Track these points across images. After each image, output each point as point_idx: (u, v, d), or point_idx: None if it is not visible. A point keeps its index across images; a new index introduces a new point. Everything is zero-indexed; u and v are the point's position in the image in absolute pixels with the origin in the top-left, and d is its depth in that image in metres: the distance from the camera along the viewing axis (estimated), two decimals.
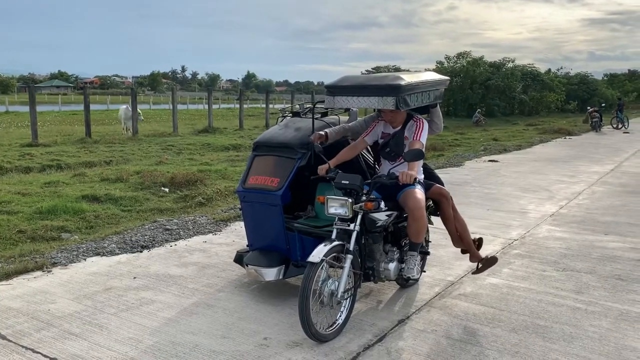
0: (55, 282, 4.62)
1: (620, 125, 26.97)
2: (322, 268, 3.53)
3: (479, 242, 4.65)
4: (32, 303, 4.17)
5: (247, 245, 4.70)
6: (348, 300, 3.75)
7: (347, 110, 4.81)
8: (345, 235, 3.73)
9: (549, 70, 55.11)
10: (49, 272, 4.87)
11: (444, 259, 5.27)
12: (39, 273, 4.82)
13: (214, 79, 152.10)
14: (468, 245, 4.51)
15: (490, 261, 4.58)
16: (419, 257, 4.20)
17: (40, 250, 5.40)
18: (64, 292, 4.40)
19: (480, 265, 4.58)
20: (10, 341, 3.54)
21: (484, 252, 5.54)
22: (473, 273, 4.71)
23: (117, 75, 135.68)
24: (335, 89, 4.14)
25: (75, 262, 5.14)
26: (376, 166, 4.66)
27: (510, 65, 41.67)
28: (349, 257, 3.64)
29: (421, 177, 4.25)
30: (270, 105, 27.63)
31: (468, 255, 4.66)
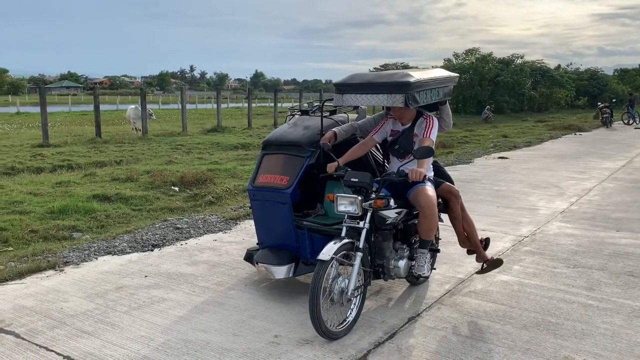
0: (67, 281, 4.66)
1: (631, 121, 26.71)
2: (332, 266, 3.54)
3: (485, 242, 4.63)
4: (45, 302, 4.21)
5: (257, 244, 4.72)
6: (358, 297, 3.75)
7: (355, 108, 4.81)
8: (354, 233, 3.73)
9: (559, 66, 54.73)
10: (61, 271, 4.91)
11: (454, 257, 5.25)
12: (51, 272, 4.87)
13: (222, 78, 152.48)
14: (475, 245, 4.49)
15: (495, 263, 4.57)
16: (429, 255, 4.20)
17: (53, 250, 5.45)
18: (76, 291, 4.44)
19: (485, 266, 4.57)
20: (25, 339, 3.58)
21: (493, 249, 5.54)
22: (477, 273, 4.70)
23: (126, 76, 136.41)
24: (344, 87, 4.14)
25: (87, 261, 5.18)
26: (385, 163, 4.66)
27: (519, 61, 41.39)
28: (359, 254, 3.65)
29: (431, 174, 4.24)
30: (279, 104, 27.66)
31: (475, 255, 4.65)
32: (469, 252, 4.67)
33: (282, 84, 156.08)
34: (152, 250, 5.57)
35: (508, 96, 38.41)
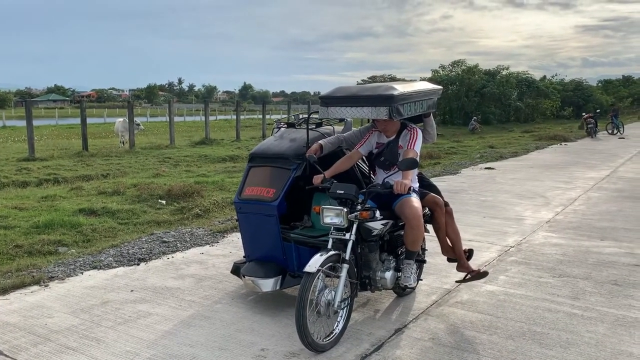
0: (52, 296, 4.62)
1: (615, 131, 27.08)
2: (318, 278, 3.55)
3: (469, 253, 4.67)
4: (29, 317, 4.16)
5: (244, 256, 4.71)
6: (345, 309, 3.75)
7: (342, 120, 4.85)
8: (341, 244, 3.74)
9: (544, 77, 55.41)
10: (46, 286, 4.86)
11: (440, 267, 5.27)
12: (36, 287, 4.82)
13: (210, 90, 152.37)
14: (459, 255, 4.52)
15: (481, 275, 4.61)
16: (415, 266, 4.22)
17: (37, 265, 5.39)
18: (61, 306, 4.39)
19: (468, 277, 4.60)
20: (8, 356, 3.54)
21: (480, 259, 5.58)
22: (457, 282, 4.73)
23: (113, 89, 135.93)
24: (329, 100, 4.17)
25: (72, 276, 5.14)
26: (371, 175, 4.69)
27: (505, 72, 41.87)
28: (345, 266, 3.66)
29: (416, 185, 4.28)
30: (267, 116, 27.69)
31: (454, 263, 4.68)
32: (450, 260, 4.71)
33: (270, 96, 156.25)
34: (138, 265, 5.53)
35: (494, 107, 38.78)
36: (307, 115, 4.76)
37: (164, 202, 8.45)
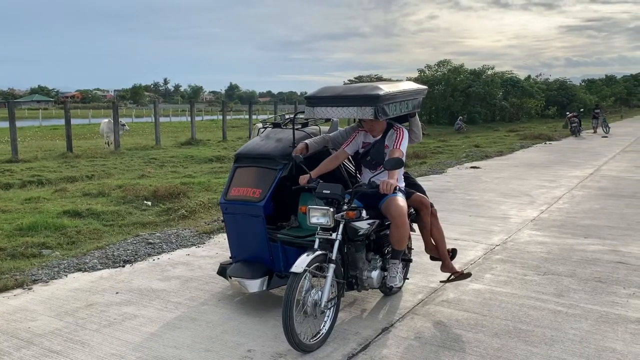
0: (36, 300, 4.56)
1: (607, 130, 27.41)
2: (305, 278, 3.54)
3: (452, 253, 4.70)
4: (11, 321, 4.11)
5: (230, 257, 4.70)
6: (332, 309, 3.76)
7: (327, 120, 4.85)
8: (327, 244, 3.74)
9: (529, 76, 56.01)
10: (29, 289, 4.80)
11: (427, 266, 5.30)
12: (19, 291, 4.76)
13: (196, 91, 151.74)
14: (443, 255, 4.55)
15: (464, 276, 4.64)
16: (401, 265, 4.23)
17: (21, 268, 5.32)
18: (44, 310, 4.34)
19: (452, 277, 4.63)
20: None
21: (466, 257, 5.62)
22: (441, 282, 4.76)
23: (98, 89, 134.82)
24: (315, 100, 4.17)
25: (56, 279, 5.08)
26: (357, 175, 4.70)
27: (490, 72, 42.22)
28: (332, 266, 3.66)
29: (402, 184, 4.29)
30: (254, 116, 27.62)
31: (437, 261, 4.71)
32: (433, 259, 4.73)
33: (257, 96, 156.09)
34: (123, 266, 5.48)
35: (480, 107, 39.08)
36: (292, 115, 4.75)
37: (149, 203, 8.39)
